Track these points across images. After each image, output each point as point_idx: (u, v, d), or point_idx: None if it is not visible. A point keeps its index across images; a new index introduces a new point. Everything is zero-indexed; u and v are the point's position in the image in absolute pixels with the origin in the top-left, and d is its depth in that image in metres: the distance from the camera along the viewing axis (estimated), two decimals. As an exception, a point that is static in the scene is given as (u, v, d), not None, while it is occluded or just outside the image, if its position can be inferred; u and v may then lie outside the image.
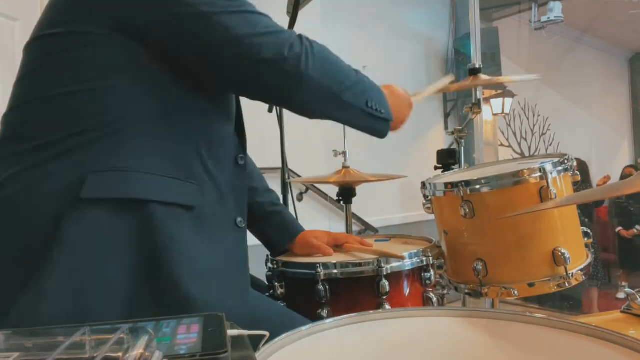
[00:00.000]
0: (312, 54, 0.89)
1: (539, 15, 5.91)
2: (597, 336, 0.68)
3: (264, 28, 0.86)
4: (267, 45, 0.84)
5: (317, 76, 0.90)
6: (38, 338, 0.46)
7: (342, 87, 0.94)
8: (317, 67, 0.89)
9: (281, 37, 0.87)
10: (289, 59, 0.86)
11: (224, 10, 0.82)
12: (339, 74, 0.95)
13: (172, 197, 0.84)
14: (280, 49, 0.85)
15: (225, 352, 0.48)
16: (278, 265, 1.26)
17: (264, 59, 0.84)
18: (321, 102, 0.94)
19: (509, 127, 6.25)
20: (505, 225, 1.20)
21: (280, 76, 0.87)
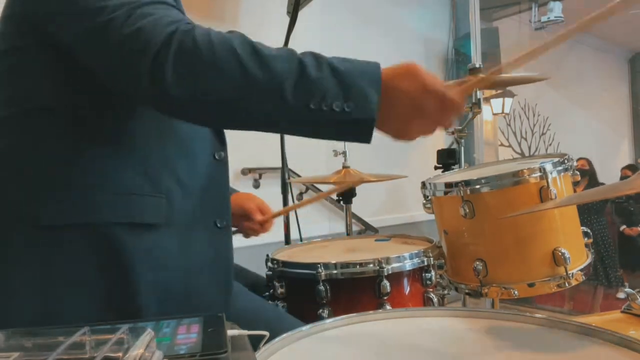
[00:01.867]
0: (180, 59, 0.66)
1: (539, 15, 5.91)
2: (597, 336, 0.68)
3: (138, 16, 0.68)
4: (137, 37, 0.67)
5: (190, 91, 0.67)
6: (38, 338, 0.46)
7: (245, 96, 0.68)
8: (187, 75, 0.66)
9: (158, 29, 0.67)
10: (154, 74, 0.66)
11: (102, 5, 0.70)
12: (231, 75, 0.67)
13: (138, 218, 0.79)
14: (149, 44, 0.66)
15: (225, 352, 0.48)
16: (278, 265, 1.26)
17: (128, 52, 0.68)
18: (214, 118, 0.74)
19: (509, 127, 6.25)
20: (505, 225, 1.20)
21: (144, 75, 0.67)
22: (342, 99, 0.66)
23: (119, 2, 0.70)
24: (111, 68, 0.72)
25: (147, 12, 0.69)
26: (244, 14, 3.31)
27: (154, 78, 0.66)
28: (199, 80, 0.66)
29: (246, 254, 1.94)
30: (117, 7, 0.69)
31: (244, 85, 0.67)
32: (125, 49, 0.68)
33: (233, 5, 3.29)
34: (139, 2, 0.70)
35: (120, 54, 0.69)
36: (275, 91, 0.67)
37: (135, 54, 0.67)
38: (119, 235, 0.77)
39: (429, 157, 4.30)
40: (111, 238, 0.77)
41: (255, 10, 3.34)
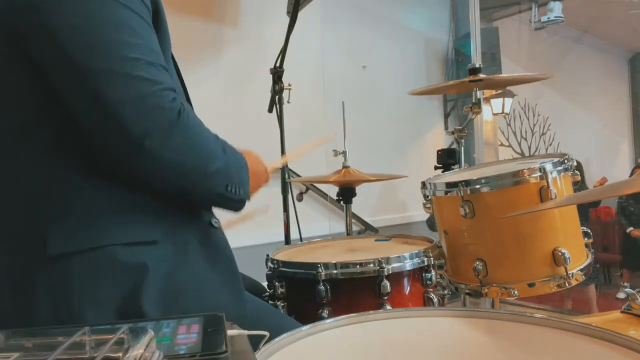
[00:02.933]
0: (181, 132, 0.79)
1: (539, 15, 5.91)
2: (597, 336, 0.68)
3: (137, 95, 0.75)
4: (133, 117, 0.74)
5: (177, 159, 0.80)
6: (38, 338, 0.46)
7: (204, 172, 0.84)
8: (181, 148, 0.80)
9: (153, 113, 0.76)
10: (154, 140, 0.76)
11: (102, 67, 0.73)
12: (203, 157, 0.84)
13: (136, 237, 0.81)
14: (146, 123, 0.75)
15: (225, 352, 0.48)
16: (278, 265, 1.26)
17: (126, 131, 0.75)
18: (176, 182, 0.83)
19: (509, 127, 6.25)
20: (505, 225, 1.20)
21: (138, 156, 0.77)
22: (237, 186, 0.91)
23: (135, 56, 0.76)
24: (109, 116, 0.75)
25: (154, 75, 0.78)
26: (244, 14, 3.31)
27: (156, 142, 0.77)
28: (185, 155, 0.81)
29: (246, 254, 1.94)
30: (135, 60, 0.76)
31: (205, 168, 0.85)
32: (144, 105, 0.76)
33: (233, 5, 3.29)
34: (150, 60, 0.78)
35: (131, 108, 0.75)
36: (214, 175, 0.87)
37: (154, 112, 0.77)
38: (123, 253, 0.79)
39: (429, 157, 4.30)
40: (117, 257, 0.78)
41: (255, 10, 3.34)
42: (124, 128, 0.74)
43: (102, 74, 0.73)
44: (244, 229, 1.32)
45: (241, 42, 3.29)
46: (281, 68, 2.20)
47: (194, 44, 3.05)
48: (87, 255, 0.76)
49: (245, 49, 3.29)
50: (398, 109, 4.29)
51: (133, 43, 0.76)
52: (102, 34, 0.74)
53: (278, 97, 2.23)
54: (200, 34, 3.11)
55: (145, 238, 0.82)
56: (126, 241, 0.80)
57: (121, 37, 0.75)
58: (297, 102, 2.37)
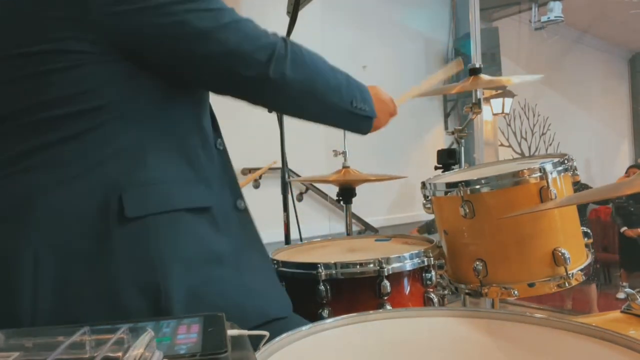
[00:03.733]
0: (296, 58, 0.90)
1: (539, 15, 5.92)
2: (597, 336, 0.68)
3: (250, 36, 0.88)
4: (253, 53, 0.87)
5: (300, 80, 0.91)
6: (38, 338, 0.46)
7: (327, 90, 0.96)
8: (300, 70, 0.91)
9: (266, 43, 0.88)
10: (274, 65, 0.87)
11: (216, 25, 0.85)
12: (323, 76, 0.96)
13: (195, 202, 0.88)
14: (265, 56, 0.87)
15: (225, 352, 0.48)
16: (278, 265, 1.26)
17: (251, 65, 0.87)
18: (305, 104, 0.96)
19: (509, 127, 6.25)
20: (505, 225, 1.20)
21: (265, 83, 0.88)
22: (362, 102, 1.02)
23: None
24: (233, 58, 0.86)
25: None
26: (244, 14, 3.31)
27: (277, 66, 0.88)
28: (305, 73, 0.92)
29: (246, 254, 1.94)
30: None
31: (326, 83, 0.96)
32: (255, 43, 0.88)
33: (233, 5, 3.28)
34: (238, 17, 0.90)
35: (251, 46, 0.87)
36: (339, 90, 0.98)
37: (263, 47, 0.88)
38: (190, 218, 0.86)
39: (429, 157, 4.30)
40: (182, 222, 0.85)
41: (255, 10, 3.34)
42: (250, 60, 0.86)
43: (220, 29, 0.84)
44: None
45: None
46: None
47: (194, 44, 3.04)
48: (160, 218, 0.82)
49: (245, 49, 3.28)
50: (398, 109, 4.29)
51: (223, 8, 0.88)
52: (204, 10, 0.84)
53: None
54: (200, 34, 3.10)
55: (201, 204, 0.89)
56: (188, 207, 0.86)
57: (211, 7, 0.86)
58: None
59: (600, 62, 7.86)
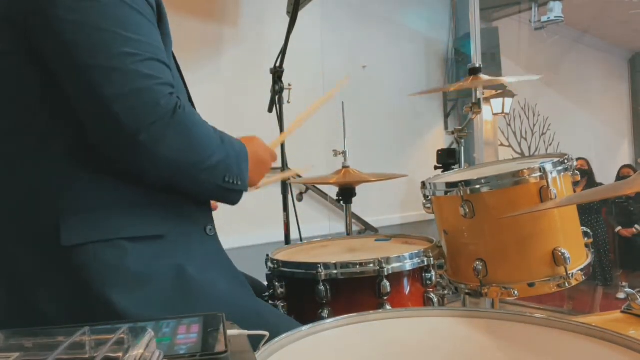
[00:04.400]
0: (177, 127, 0.80)
1: (539, 15, 5.91)
2: (597, 336, 0.68)
3: (132, 90, 0.76)
4: (128, 111, 0.76)
5: (173, 155, 0.81)
6: (38, 338, 0.46)
7: (201, 166, 0.86)
8: (177, 144, 0.81)
9: (150, 108, 0.77)
10: (150, 134, 0.77)
11: (100, 63, 0.75)
12: (200, 151, 0.86)
13: (140, 231, 0.84)
14: (144, 121, 0.77)
15: (225, 352, 0.47)
16: (278, 265, 1.26)
17: (120, 126, 0.76)
18: (173, 177, 0.85)
19: (509, 127, 6.25)
20: (505, 225, 1.20)
21: (134, 150, 0.78)
22: (236, 177, 0.92)
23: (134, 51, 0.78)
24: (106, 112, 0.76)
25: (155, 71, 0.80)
26: (244, 14, 3.31)
27: (153, 136, 0.77)
28: (182, 149, 0.82)
29: (246, 254, 1.94)
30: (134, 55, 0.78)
31: (201, 161, 0.86)
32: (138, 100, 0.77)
33: (233, 5, 3.29)
34: (149, 56, 0.79)
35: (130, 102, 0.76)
36: (212, 169, 0.88)
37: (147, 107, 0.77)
38: (129, 248, 0.81)
39: (429, 157, 4.30)
40: (121, 251, 0.81)
41: (255, 10, 3.34)
42: (118, 122, 0.75)
43: (98, 69, 0.75)
44: (244, 229, 1.32)
45: (241, 42, 3.28)
46: (281, 68, 2.20)
47: (194, 44, 3.05)
48: (99, 246, 0.79)
49: (245, 49, 3.29)
50: (398, 109, 4.29)
51: (132, 39, 0.77)
52: (102, 30, 0.75)
53: (278, 97, 2.23)
54: (200, 34, 3.11)
55: (152, 232, 0.85)
56: (133, 235, 0.82)
57: (120, 32, 0.76)
58: (297, 102, 2.37)
59: (600, 62, 7.86)
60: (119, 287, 0.78)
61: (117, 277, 0.79)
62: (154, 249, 0.84)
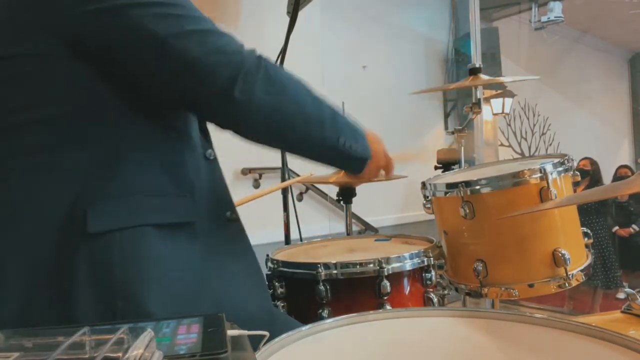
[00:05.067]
0: (269, 79, 0.82)
1: (539, 15, 5.92)
2: (597, 336, 0.68)
3: (216, 49, 0.79)
4: (216, 67, 0.78)
5: (272, 104, 0.82)
6: (38, 338, 0.46)
7: (306, 120, 0.86)
8: (274, 94, 0.82)
9: (234, 59, 0.80)
10: (240, 84, 0.79)
11: (175, 31, 0.77)
12: (303, 104, 0.86)
13: (167, 217, 0.83)
14: (231, 73, 0.79)
15: (225, 352, 0.48)
16: (278, 265, 1.26)
17: (213, 83, 0.78)
18: (277, 133, 0.86)
19: (509, 127, 6.25)
20: (505, 225, 1.20)
21: (228, 103, 0.80)
22: (352, 141, 0.92)
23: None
24: (196, 73, 0.78)
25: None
26: (245, 14, 3.31)
27: (244, 85, 0.79)
28: (278, 98, 0.83)
29: (246, 254, 1.93)
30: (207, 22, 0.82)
31: (305, 113, 0.87)
32: (221, 58, 0.79)
33: (234, 5, 3.29)
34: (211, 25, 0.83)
35: (214, 60, 0.79)
36: (321, 123, 0.88)
37: (231, 64, 0.79)
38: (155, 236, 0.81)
39: (429, 157, 4.30)
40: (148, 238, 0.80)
41: (255, 10, 3.34)
42: (211, 75, 0.77)
43: (180, 36, 0.77)
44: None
45: (242, 44, 3.28)
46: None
47: (194, 44, 3.04)
48: (123, 234, 0.78)
49: (245, 49, 3.29)
50: (398, 109, 4.29)
51: (195, 9, 0.82)
52: (170, 12, 0.78)
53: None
54: (200, 34, 3.11)
55: (178, 219, 0.84)
56: (160, 222, 0.82)
57: (186, 4, 0.81)
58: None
59: (600, 62, 7.86)
60: (141, 273, 0.78)
61: (139, 263, 0.79)
62: (179, 236, 0.83)
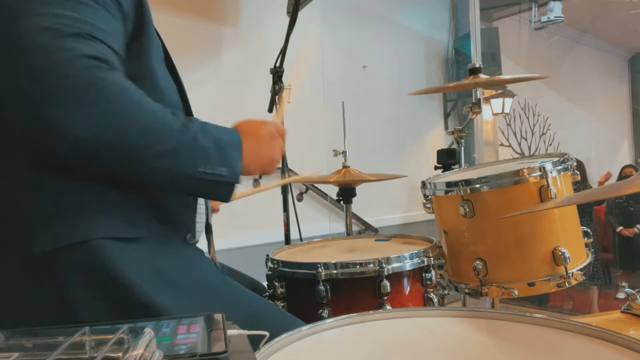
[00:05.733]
0: (98, 102, 0.69)
1: (539, 15, 5.91)
2: (597, 336, 0.68)
3: (37, 64, 0.67)
4: (32, 84, 0.67)
5: (94, 134, 0.69)
6: (38, 338, 0.46)
7: (149, 151, 0.74)
8: (96, 121, 0.69)
9: (58, 74, 0.67)
10: (56, 108, 0.67)
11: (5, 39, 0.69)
12: (139, 132, 0.73)
13: (122, 232, 0.80)
14: (49, 94, 0.67)
15: (225, 352, 0.48)
16: (278, 265, 1.26)
17: (26, 103, 0.68)
18: (108, 167, 0.75)
19: (509, 127, 6.25)
20: (505, 224, 1.20)
21: (44, 132, 0.68)
22: (217, 165, 0.80)
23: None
24: None
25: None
26: (244, 14, 3.31)
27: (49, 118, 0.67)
28: (111, 122, 0.70)
29: (246, 254, 1.94)
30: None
31: (146, 148, 0.74)
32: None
33: (233, 5, 3.29)
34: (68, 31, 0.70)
35: None
36: (174, 152, 0.76)
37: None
38: (107, 248, 0.78)
39: (429, 157, 4.30)
40: (99, 252, 0.78)
41: (255, 10, 3.34)
42: (26, 100, 0.67)
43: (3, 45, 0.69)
44: (244, 229, 1.32)
45: (241, 42, 3.28)
46: (281, 68, 2.20)
47: (194, 44, 3.05)
48: (72, 251, 0.76)
49: (245, 49, 3.29)
50: (398, 109, 4.29)
51: (50, 13, 0.70)
52: (13, 5, 0.70)
53: (278, 97, 2.23)
54: (200, 34, 3.11)
55: (131, 234, 0.81)
56: (110, 236, 0.79)
57: (34, 8, 0.70)
58: (297, 102, 2.37)
59: (600, 62, 7.85)
60: (94, 288, 0.76)
61: (92, 278, 0.77)
62: (130, 250, 0.80)
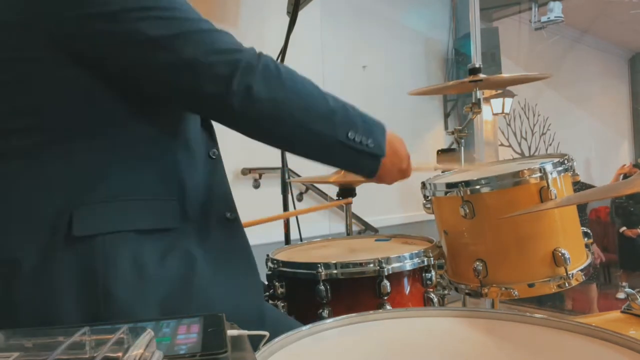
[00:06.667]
0: (269, 74, 0.81)
1: (539, 15, 5.91)
2: (597, 336, 0.68)
3: (213, 48, 0.79)
4: (213, 66, 0.78)
5: (272, 99, 0.80)
6: (38, 338, 0.46)
7: (310, 115, 0.83)
8: (274, 88, 0.80)
9: (231, 57, 0.80)
10: (238, 80, 0.78)
11: (172, 34, 0.77)
12: (307, 99, 0.83)
13: (152, 224, 0.83)
14: (228, 70, 0.78)
15: (225, 352, 0.48)
16: (278, 265, 1.26)
17: (212, 82, 0.78)
18: (278, 129, 0.83)
19: (509, 127, 6.25)
20: (505, 225, 1.20)
21: (227, 100, 0.79)
22: (364, 135, 0.86)
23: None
24: (192, 75, 0.78)
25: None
26: (244, 14, 3.31)
27: (242, 80, 0.78)
28: (280, 92, 0.81)
29: (246, 254, 1.93)
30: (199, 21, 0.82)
31: (310, 108, 0.83)
32: (217, 58, 0.79)
33: (233, 5, 3.29)
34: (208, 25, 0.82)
35: (210, 61, 0.78)
36: (328, 117, 0.84)
37: (227, 63, 0.79)
38: (139, 240, 0.80)
39: (429, 157, 4.30)
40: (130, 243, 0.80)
41: (255, 10, 3.34)
42: (209, 74, 0.77)
43: (177, 38, 0.77)
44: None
45: (241, 42, 3.28)
46: (281, 68, 2.20)
47: (194, 44, 3.04)
48: (107, 238, 0.78)
49: (245, 49, 3.29)
50: (398, 109, 4.29)
51: (192, 10, 0.82)
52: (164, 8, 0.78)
53: None
54: (200, 34, 3.11)
55: (162, 226, 0.84)
56: (142, 228, 0.81)
57: (182, 6, 0.81)
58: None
59: (600, 62, 7.85)
60: (123, 279, 0.78)
61: (122, 269, 0.78)
62: (165, 242, 0.83)
